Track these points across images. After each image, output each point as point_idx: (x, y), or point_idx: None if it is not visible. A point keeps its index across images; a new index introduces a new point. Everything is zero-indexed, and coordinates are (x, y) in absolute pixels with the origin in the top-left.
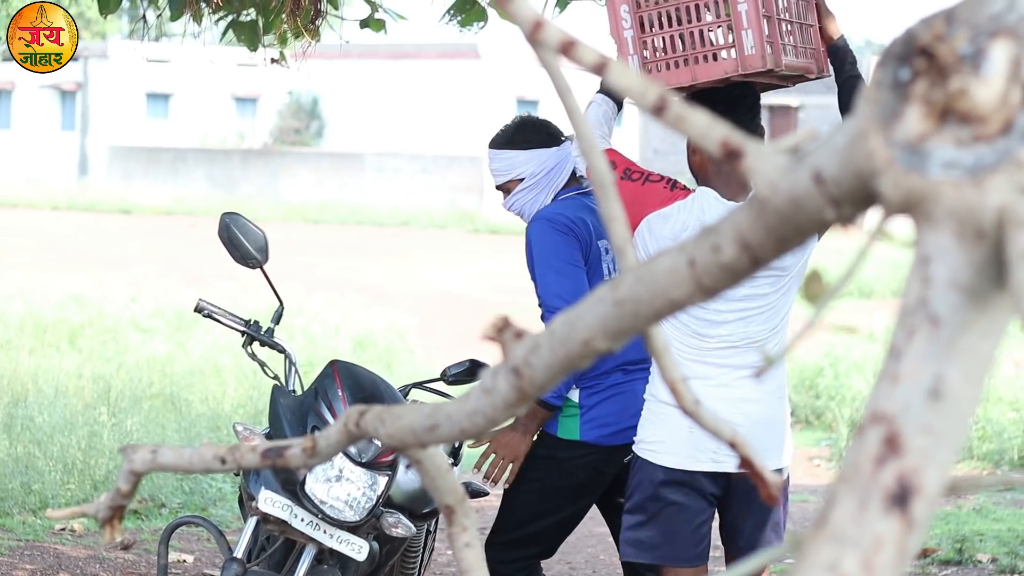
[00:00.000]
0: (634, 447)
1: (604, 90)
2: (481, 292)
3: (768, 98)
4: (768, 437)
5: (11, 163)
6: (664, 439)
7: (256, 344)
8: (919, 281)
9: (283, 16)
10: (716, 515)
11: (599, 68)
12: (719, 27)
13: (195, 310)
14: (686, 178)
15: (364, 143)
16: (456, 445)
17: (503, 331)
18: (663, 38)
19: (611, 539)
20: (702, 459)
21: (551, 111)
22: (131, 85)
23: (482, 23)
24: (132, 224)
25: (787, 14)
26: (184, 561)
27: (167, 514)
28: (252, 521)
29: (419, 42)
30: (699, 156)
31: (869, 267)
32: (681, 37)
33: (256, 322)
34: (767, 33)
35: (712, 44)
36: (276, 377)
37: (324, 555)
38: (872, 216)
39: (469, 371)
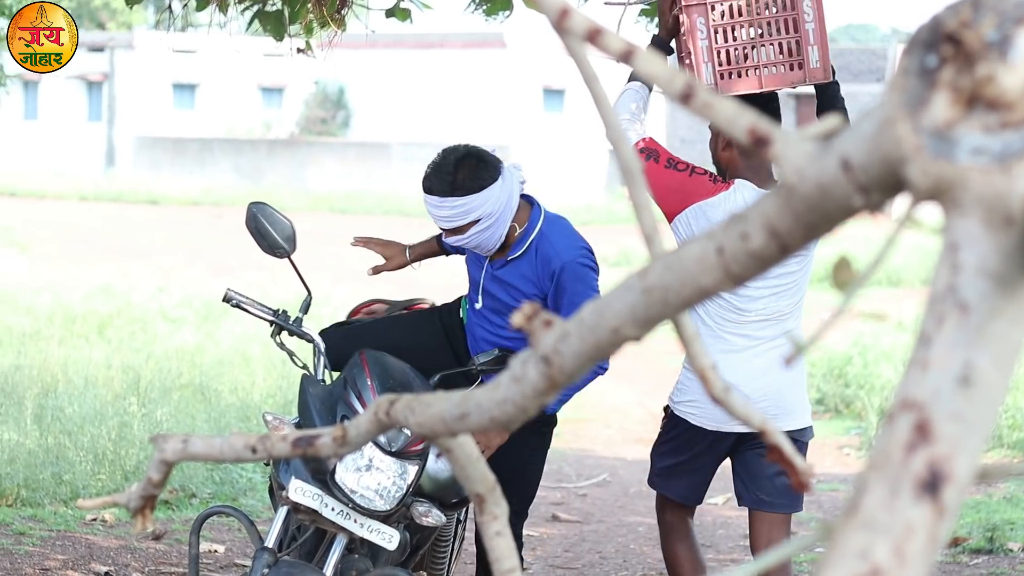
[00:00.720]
0: (672, 407)
1: (638, 77)
2: None
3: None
4: (795, 398)
5: (38, 154)
6: (699, 402)
7: (285, 334)
8: (948, 268)
9: (309, 6)
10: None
11: (625, 56)
12: (770, 43)
13: (223, 300)
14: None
15: (390, 133)
16: None
17: (532, 319)
18: (735, 49)
19: (641, 528)
20: (733, 424)
21: (577, 100)
22: (157, 75)
23: (507, 12)
24: (159, 215)
25: (817, 23)
26: (215, 551)
27: (198, 504)
28: (283, 511)
29: (445, 31)
30: (730, 152)
31: (897, 255)
32: (754, 48)
33: (284, 311)
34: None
35: (777, 57)
36: (305, 367)
37: (355, 544)
38: (900, 203)
39: (498, 360)
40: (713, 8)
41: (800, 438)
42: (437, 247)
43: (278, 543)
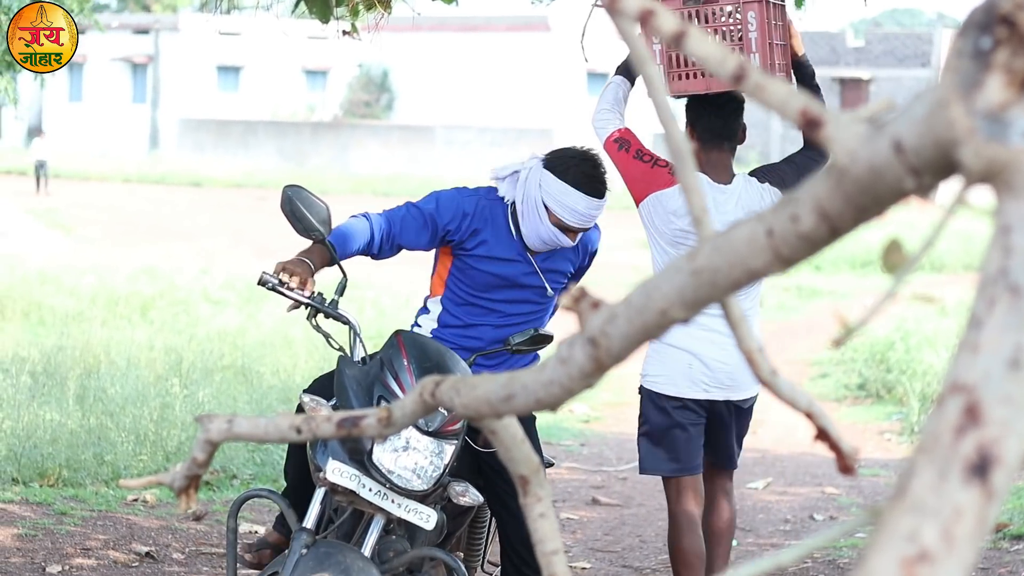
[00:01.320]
0: (641, 382)
1: (621, 71)
2: None
3: (839, 71)
4: (748, 371)
5: (83, 136)
6: (666, 373)
7: (321, 316)
8: (1000, 251)
9: None
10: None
11: (678, 37)
12: (731, 39)
13: (259, 283)
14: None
15: (434, 116)
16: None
17: (580, 301)
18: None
19: None
20: (696, 389)
21: None
22: (202, 58)
23: None
24: (202, 197)
25: (776, 36)
26: (255, 532)
27: (239, 485)
28: (320, 492)
29: (489, 14)
30: (693, 142)
31: (941, 240)
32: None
33: (320, 294)
34: (768, 57)
35: None
36: (341, 348)
37: (392, 525)
38: (949, 187)
39: (533, 340)
40: (677, 8)
41: (752, 405)
42: (328, 257)
43: (316, 524)
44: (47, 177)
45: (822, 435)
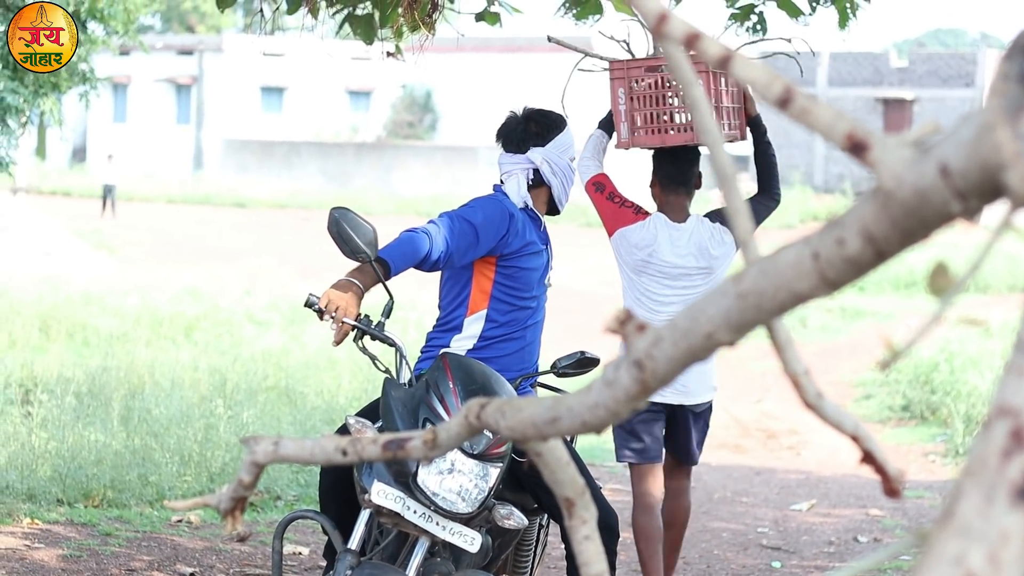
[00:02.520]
0: None
1: (602, 125)
2: (592, 286)
3: (883, 92)
4: (701, 378)
5: (127, 157)
6: None
7: (367, 338)
8: None
9: (400, 10)
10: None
11: (723, 61)
12: (682, 110)
13: (305, 305)
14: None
15: (477, 136)
16: (570, 437)
17: (625, 324)
18: (646, 114)
19: (725, 535)
20: (664, 397)
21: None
22: (246, 79)
23: (598, 16)
24: (246, 218)
25: (728, 100)
26: (300, 553)
27: (282, 507)
28: (365, 514)
29: (532, 35)
30: (654, 189)
31: (986, 262)
32: (657, 115)
33: (367, 316)
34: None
35: (677, 121)
36: (387, 371)
37: (437, 547)
38: (996, 209)
39: (579, 363)
40: (639, 81)
41: (706, 410)
42: (376, 277)
43: (361, 546)
44: (114, 201)
45: (868, 458)
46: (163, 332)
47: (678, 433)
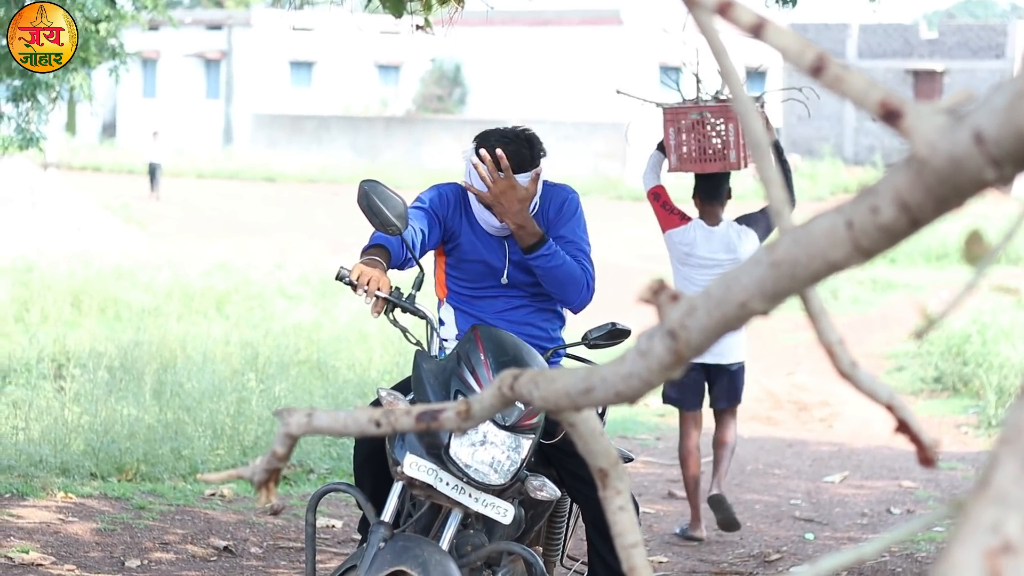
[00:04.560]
0: None
1: (658, 147)
2: (623, 259)
3: (913, 63)
4: (733, 342)
5: (157, 132)
6: None
7: (398, 311)
8: None
9: None
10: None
11: (756, 29)
12: (718, 139)
13: (336, 278)
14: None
15: (506, 110)
16: (601, 409)
17: (659, 294)
18: (689, 147)
19: (758, 507)
20: (704, 357)
21: (690, 77)
22: (275, 53)
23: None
24: (276, 192)
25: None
26: (333, 526)
27: (315, 480)
28: (398, 486)
29: (561, 8)
30: (696, 200)
31: (1020, 233)
32: (698, 148)
33: (397, 288)
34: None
35: (713, 153)
36: (418, 343)
37: (470, 520)
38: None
39: (610, 334)
40: (684, 117)
41: (738, 369)
42: (388, 259)
43: (394, 518)
44: (159, 179)
45: (903, 427)
46: (194, 306)
47: (718, 386)
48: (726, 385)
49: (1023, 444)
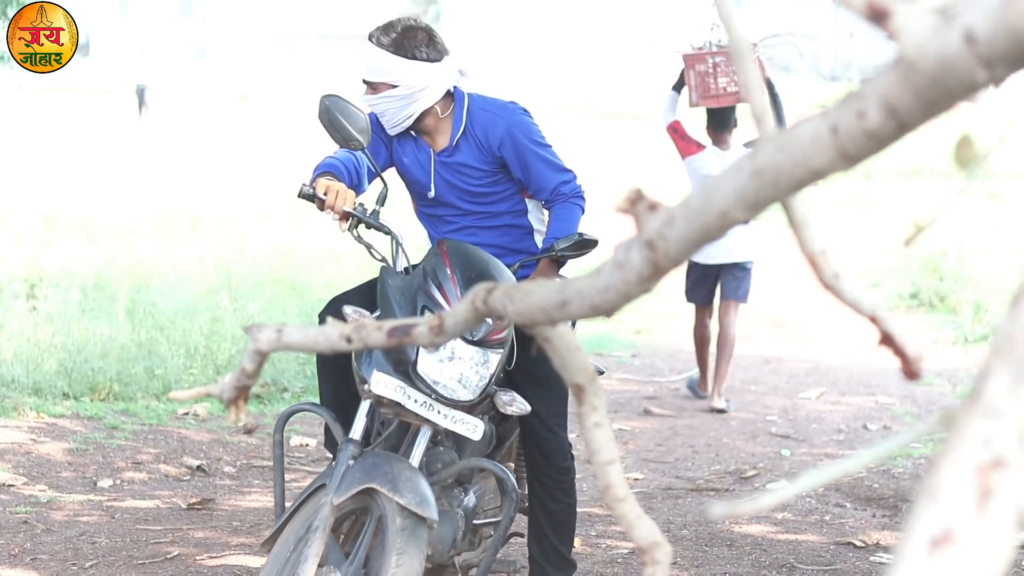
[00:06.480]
0: None
1: (675, 88)
2: (596, 177)
3: None
4: (743, 241)
5: (131, 51)
6: None
7: (363, 227)
8: None
9: None
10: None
11: None
12: (726, 82)
13: (298, 195)
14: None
15: (481, 31)
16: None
17: (636, 203)
18: (705, 85)
19: (733, 423)
20: (707, 258)
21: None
22: None
23: None
24: (251, 110)
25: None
26: (306, 445)
27: (289, 398)
28: (365, 404)
29: None
30: (709, 130)
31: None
32: (712, 86)
33: (361, 204)
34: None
35: (725, 90)
36: (383, 259)
37: (440, 437)
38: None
39: (577, 245)
40: (701, 61)
41: (748, 267)
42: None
43: (363, 437)
44: (148, 102)
45: (886, 340)
46: (169, 226)
47: (726, 281)
48: (731, 281)
49: (1015, 355)
